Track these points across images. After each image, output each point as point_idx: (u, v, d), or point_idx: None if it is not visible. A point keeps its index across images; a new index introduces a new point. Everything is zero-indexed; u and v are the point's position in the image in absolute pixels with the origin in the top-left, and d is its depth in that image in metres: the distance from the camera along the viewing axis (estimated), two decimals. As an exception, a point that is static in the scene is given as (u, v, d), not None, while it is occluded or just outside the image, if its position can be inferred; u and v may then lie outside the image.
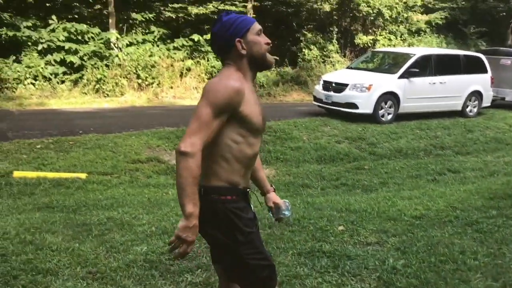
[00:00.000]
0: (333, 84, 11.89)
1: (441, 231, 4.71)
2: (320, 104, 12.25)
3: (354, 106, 11.48)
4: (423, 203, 5.88)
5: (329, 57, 19.50)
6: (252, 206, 2.44)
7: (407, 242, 4.38)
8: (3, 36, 14.61)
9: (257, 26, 2.33)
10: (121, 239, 4.25)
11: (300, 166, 9.08)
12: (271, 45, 2.39)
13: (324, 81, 12.26)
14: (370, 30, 21.42)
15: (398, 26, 21.09)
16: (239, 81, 2.21)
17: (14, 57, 14.80)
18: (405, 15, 21.10)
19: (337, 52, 19.87)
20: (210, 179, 2.25)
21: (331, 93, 11.83)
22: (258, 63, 2.34)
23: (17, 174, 7.18)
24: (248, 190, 2.39)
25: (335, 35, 19.68)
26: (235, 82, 2.19)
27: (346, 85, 11.64)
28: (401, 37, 21.02)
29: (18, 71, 14.37)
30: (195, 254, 3.94)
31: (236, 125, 2.23)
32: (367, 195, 7.18)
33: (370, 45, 20.61)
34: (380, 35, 20.88)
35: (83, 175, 7.43)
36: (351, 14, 21.23)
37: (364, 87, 11.48)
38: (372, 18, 20.80)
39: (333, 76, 12.68)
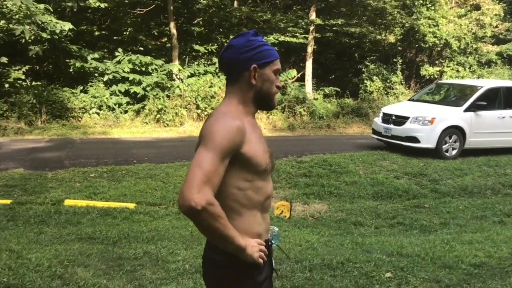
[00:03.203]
0: (393, 117, 11.43)
1: (502, 283, 4.22)
2: (379, 137, 11.80)
3: (415, 140, 10.95)
4: (484, 249, 5.37)
5: (393, 89, 19.01)
6: (272, 259, 2.17)
7: (462, 295, 3.93)
8: (71, 67, 15.29)
9: (278, 64, 2.11)
10: (151, 277, 4.09)
11: (354, 202, 8.66)
12: (281, 90, 2.17)
13: (384, 114, 11.83)
14: (437, 61, 20.77)
15: (467, 57, 20.29)
16: (238, 119, 1.96)
17: (81, 87, 15.43)
18: (474, 46, 20.29)
19: (401, 84, 19.35)
20: None
21: (391, 126, 11.37)
22: (262, 101, 2.09)
23: (68, 202, 7.27)
24: (270, 243, 2.14)
25: (399, 66, 19.17)
26: (235, 121, 1.94)
27: (407, 118, 11.15)
28: (469, 68, 20.19)
29: (84, 101, 14.94)
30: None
31: (239, 170, 1.97)
32: (424, 236, 6.69)
33: (436, 76, 19.94)
34: (447, 66, 20.19)
35: (131, 205, 7.42)
36: (416, 45, 20.68)
37: (426, 120, 10.95)
38: (438, 49, 20.15)
39: (393, 108, 12.21)
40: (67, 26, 13.21)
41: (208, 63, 17.70)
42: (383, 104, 17.21)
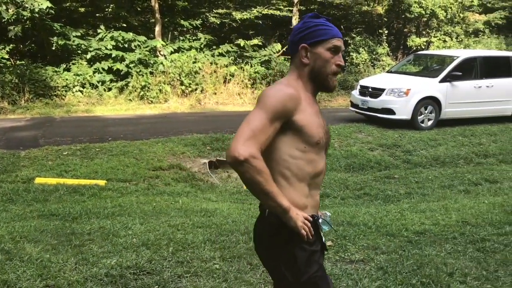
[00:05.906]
0: (370, 89, 11.50)
1: (438, 249, 4.36)
2: (357, 110, 11.88)
3: (391, 111, 11.04)
4: (434, 216, 5.51)
5: (379, 61, 18.96)
6: (322, 235, 2.21)
7: (394, 261, 4.08)
8: (54, 45, 15.27)
9: (334, 42, 2.12)
10: (97, 251, 4.23)
11: (326, 174, 8.77)
12: (344, 68, 2.21)
13: (361, 86, 11.89)
14: (424, 32, 20.65)
15: (454, 27, 20.18)
16: (293, 88, 2.07)
17: (64, 66, 15.43)
18: (462, 15, 20.16)
19: (388, 55, 19.30)
20: None
21: (367, 98, 11.44)
22: (317, 80, 2.15)
23: (38, 180, 7.38)
24: (316, 217, 2.16)
25: (384, 38, 19.10)
26: (288, 88, 2.06)
27: (383, 89, 11.22)
28: (457, 38, 20.10)
29: (67, 79, 14.95)
30: (160, 268, 3.85)
31: (292, 138, 2.07)
32: (385, 206, 6.84)
33: (423, 47, 19.86)
34: (434, 36, 20.09)
35: (102, 182, 7.54)
36: (403, 16, 20.55)
37: (401, 92, 11.02)
38: (425, 19, 20.03)
39: (370, 80, 12.27)
40: (45, 4, 13.16)
41: (194, 38, 17.65)
42: (370, 76, 17.23)
